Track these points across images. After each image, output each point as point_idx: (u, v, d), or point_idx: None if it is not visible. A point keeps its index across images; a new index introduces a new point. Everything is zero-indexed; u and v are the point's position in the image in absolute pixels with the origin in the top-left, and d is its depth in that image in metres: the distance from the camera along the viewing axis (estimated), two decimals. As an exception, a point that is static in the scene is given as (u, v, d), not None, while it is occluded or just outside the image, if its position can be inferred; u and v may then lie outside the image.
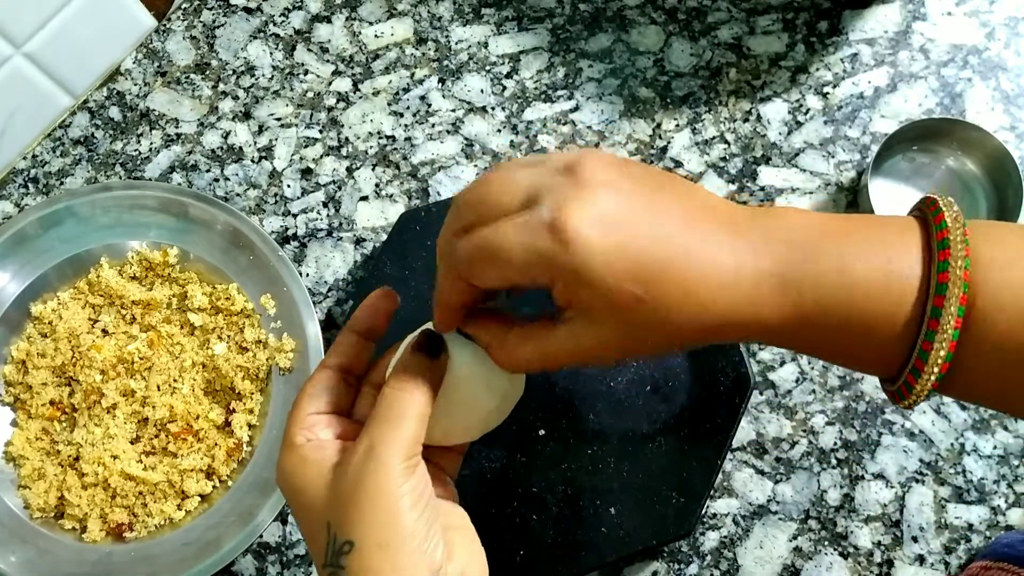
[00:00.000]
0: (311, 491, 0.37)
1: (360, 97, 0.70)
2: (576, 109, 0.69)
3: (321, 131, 0.69)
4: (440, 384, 0.39)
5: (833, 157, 0.67)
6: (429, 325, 0.41)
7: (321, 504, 0.37)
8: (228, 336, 0.62)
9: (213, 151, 0.69)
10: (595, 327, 0.34)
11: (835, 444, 0.61)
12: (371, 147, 0.69)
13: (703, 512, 0.58)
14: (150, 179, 0.69)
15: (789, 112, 0.68)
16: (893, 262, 0.34)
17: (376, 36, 0.72)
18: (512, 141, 0.68)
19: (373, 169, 0.68)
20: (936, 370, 0.33)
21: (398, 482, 0.35)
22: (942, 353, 0.33)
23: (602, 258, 0.32)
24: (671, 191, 0.35)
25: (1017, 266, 0.33)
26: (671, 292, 0.33)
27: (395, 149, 0.69)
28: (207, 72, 0.71)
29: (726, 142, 0.68)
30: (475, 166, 0.68)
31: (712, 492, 0.59)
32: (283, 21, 0.72)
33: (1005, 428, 0.61)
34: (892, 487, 0.60)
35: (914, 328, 0.34)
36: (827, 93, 0.68)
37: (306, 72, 0.71)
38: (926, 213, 0.35)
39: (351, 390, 0.41)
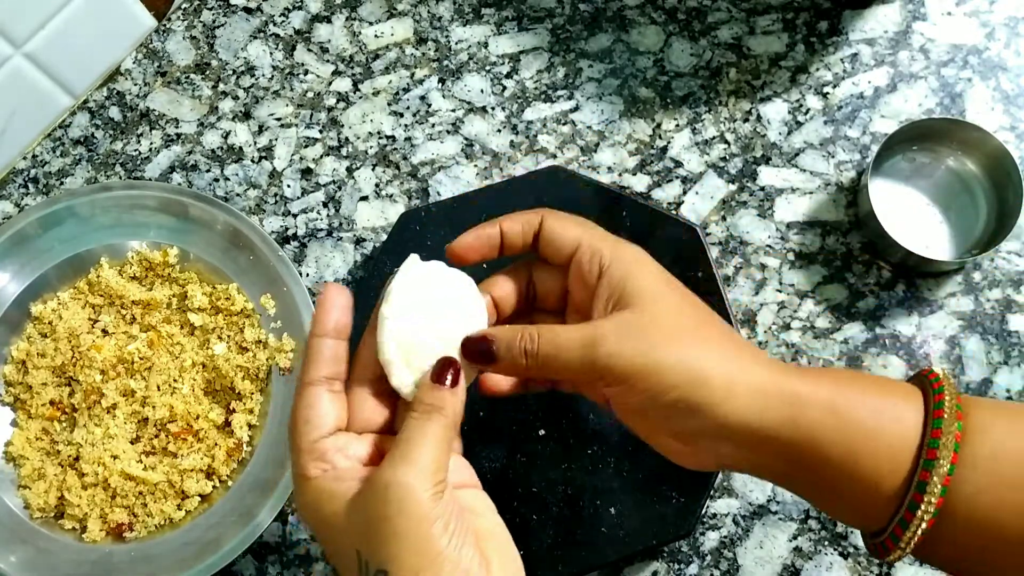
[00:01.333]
0: (337, 522, 0.37)
1: (360, 97, 0.70)
2: (576, 109, 0.69)
3: (321, 131, 0.69)
4: (462, 409, 0.39)
5: (833, 157, 0.67)
6: (410, 259, 0.42)
7: (350, 534, 0.36)
8: (228, 336, 0.62)
9: (213, 151, 0.69)
10: (634, 312, 0.39)
11: (835, 444, 0.61)
12: (371, 147, 0.69)
13: (703, 512, 0.58)
14: (150, 179, 0.69)
15: (789, 112, 0.68)
16: (892, 404, 0.37)
17: (376, 36, 0.72)
18: (512, 141, 0.68)
19: (373, 169, 0.68)
20: (913, 542, 0.36)
21: (427, 508, 0.35)
22: (922, 527, 0.35)
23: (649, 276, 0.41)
24: (705, 317, 0.41)
25: (998, 458, 0.36)
26: (706, 331, 0.40)
27: (395, 149, 0.69)
28: (207, 72, 0.71)
29: (726, 142, 0.68)
30: (475, 166, 0.68)
31: (712, 492, 0.59)
32: (283, 21, 0.72)
33: (1005, 428, 0.61)
34: (892, 487, 0.60)
35: (902, 490, 0.36)
36: (827, 93, 0.68)
37: (306, 72, 0.71)
38: (923, 380, 0.38)
39: (341, 397, 0.40)
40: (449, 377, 0.39)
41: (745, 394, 0.37)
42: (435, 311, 0.41)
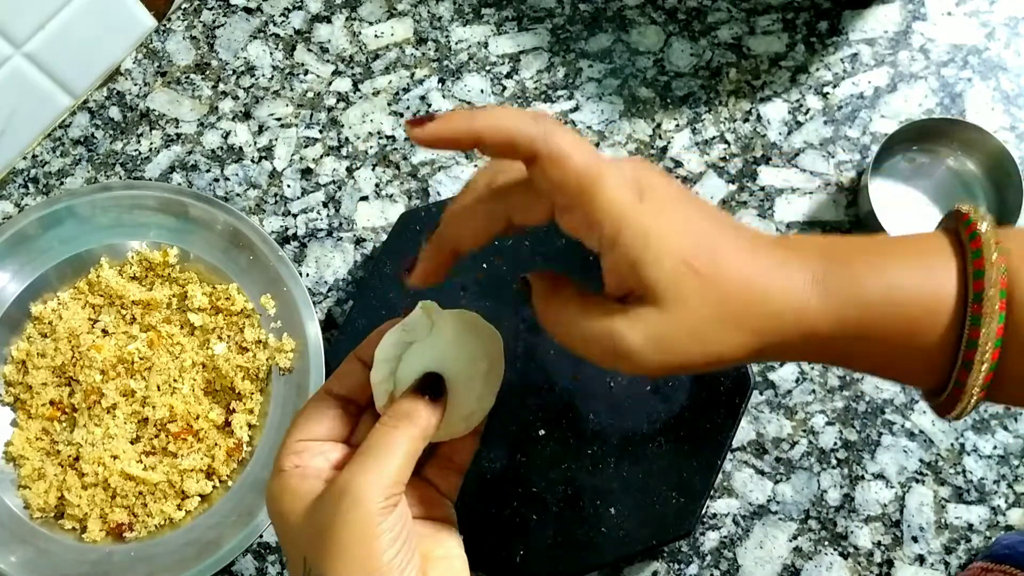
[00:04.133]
0: (291, 520, 0.36)
1: (360, 97, 0.70)
2: (576, 109, 0.69)
3: (321, 131, 0.69)
4: (438, 425, 0.38)
5: (833, 157, 0.67)
6: (419, 307, 0.40)
7: (299, 535, 0.36)
8: (228, 336, 0.62)
9: (213, 151, 0.69)
10: (657, 313, 0.33)
11: (835, 444, 0.61)
12: (371, 147, 0.69)
13: (703, 512, 0.58)
14: (150, 179, 0.69)
15: (789, 112, 0.68)
16: (928, 272, 0.34)
17: (376, 36, 0.72)
18: (512, 141, 0.68)
19: (373, 169, 0.68)
20: (980, 380, 0.33)
21: (375, 520, 0.34)
22: (985, 361, 0.33)
23: (668, 226, 0.33)
24: (711, 207, 0.36)
25: None
26: (726, 271, 0.33)
27: (395, 149, 0.69)
28: (207, 72, 0.71)
29: (726, 142, 0.68)
30: (475, 166, 0.68)
31: (712, 492, 0.59)
32: (283, 21, 0.72)
33: (1005, 428, 0.61)
34: (892, 487, 0.60)
35: (956, 335, 0.34)
36: (827, 93, 0.68)
37: (306, 72, 0.71)
38: (957, 224, 0.35)
39: (350, 420, 0.40)
40: (431, 391, 0.38)
41: (769, 349, 0.35)
42: (444, 349, 0.39)
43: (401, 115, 0.69)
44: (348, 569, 0.34)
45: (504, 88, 0.70)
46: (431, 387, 0.38)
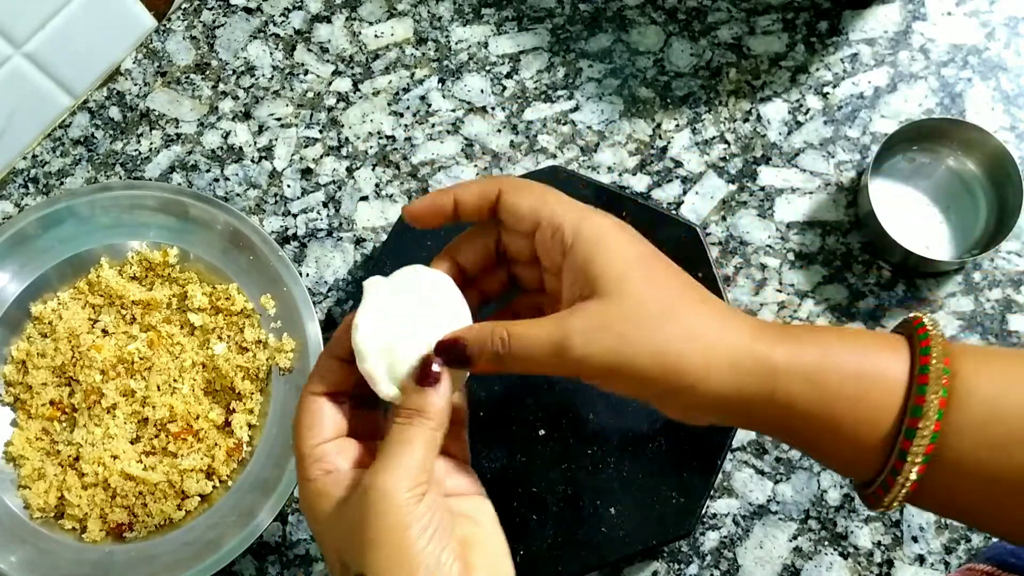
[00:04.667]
0: (328, 524, 0.37)
1: (360, 97, 0.70)
2: (576, 109, 0.69)
3: (321, 131, 0.69)
4: (448, 408, 0.39)
5: (833, 157, 0.67)
6: (365, 286, 0.41)
7: (334, 538, 0.37)
8: (228, 336, 0.62)
9: (213, 151, 0.69)
10: (602, 304, 0.37)
11: (835, 444, 0.61)
12: (371, 147, 0.69)
13: (703, 512, 0.58)
14: (150, 179, 0.69)
15: (789, 112, 0.68)
16: (875, 363, 0.36)
17: (376, 36, 0.72)
18: (512, 141, 0.68)
19: (373, 169, 0.68)
20: (914, 470, 0.35)
21: (403, 512, 0.35)
22: (921, 451, 0.34)
23: (621, 236, 0.39)
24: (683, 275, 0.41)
25: (993, 387, 0.35)
26: (669, 289, 0.38)
27: (395, 149, 0.69)
28: (207, 72, 0.71)
29: (726, 142, 0.68)
30: (475, 166, 0.68)
31: (712, 492, 0.59)
32: (283, 21, 0.72)
33: (1005, 428, 0.61)
34: (892, 487, 0.60)
35: (896, 425, 0.35)
36: (827, 93, 0.68)
37: (306, 72, 0.71)
38: (910, 326, 0.38)
39: (345, 412, 0.41)
40: (432, 376, 0.39)
41: (720, 371, 0.37)
42: (412, 315, 0.40)
43: (401, 115, 0.69)
44: (384, 562, 0.35)
45: (504, 88, 0.70)
46: (431, 372, 0.39)
